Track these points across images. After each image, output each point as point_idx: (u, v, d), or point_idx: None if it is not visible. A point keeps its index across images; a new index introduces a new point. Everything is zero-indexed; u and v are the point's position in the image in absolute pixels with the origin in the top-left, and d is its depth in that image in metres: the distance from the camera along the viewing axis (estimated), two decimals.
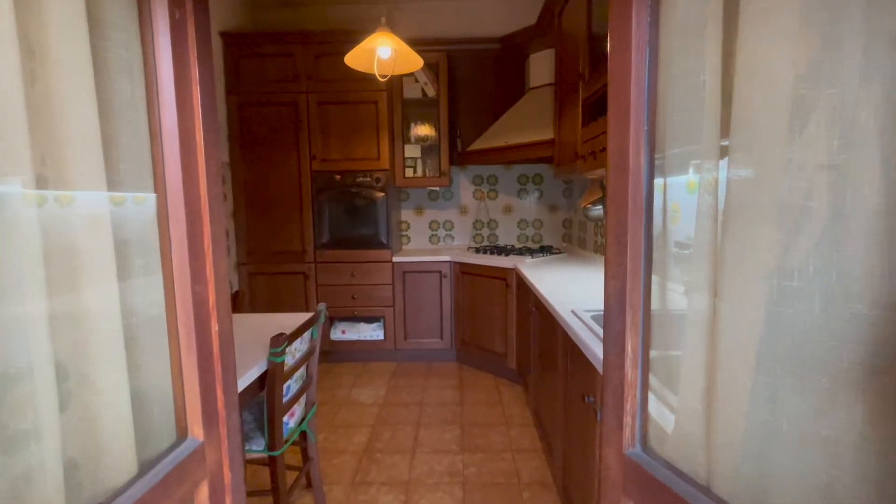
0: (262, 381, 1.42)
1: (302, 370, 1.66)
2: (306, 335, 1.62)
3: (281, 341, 1.33)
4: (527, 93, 3.48)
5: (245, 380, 1.28)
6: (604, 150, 1.78)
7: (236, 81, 3.25)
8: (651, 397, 0.65)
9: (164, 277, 0.68)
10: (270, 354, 1.34)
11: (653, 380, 0.64)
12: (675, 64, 0.58)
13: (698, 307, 0.56)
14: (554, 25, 2.74)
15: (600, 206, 2.89)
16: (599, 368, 1.18)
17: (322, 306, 1.69)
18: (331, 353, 3.48)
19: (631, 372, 0.64)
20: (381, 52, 2.18)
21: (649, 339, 0.63)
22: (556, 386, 1.79)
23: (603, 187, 2.88)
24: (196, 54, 0.65)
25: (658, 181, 0.61)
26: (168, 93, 0.62)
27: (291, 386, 1.55)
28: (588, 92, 2.03)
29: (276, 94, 3.26)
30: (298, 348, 1.56)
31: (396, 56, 2.19)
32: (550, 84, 3.29)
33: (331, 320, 3.46)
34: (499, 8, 3.67)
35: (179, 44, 0.63)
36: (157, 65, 0.62)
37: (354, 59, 2.23)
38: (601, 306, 1.72)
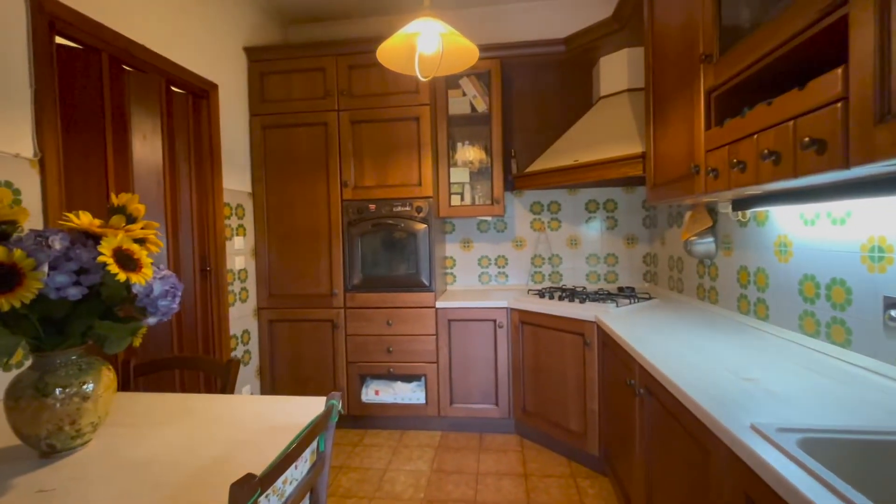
0: None
1: (305, 501, 1.07)
2: (308, 451, 1.03)
3: (247, 493, 0.74)
4: (596, 102, 2.89)
5: None
6: (771, 154, 1.12)
7: (261, 101, 2.86)
8: None
9: None
10: None
11: None
12: None
13: None
14: (642, 13, 2.15)
15: (710, 239, 2.19)
16: None
17: (336, 400, 1.11)
18: (361, 419, 2.88)
19: None
20: (424, 44, 1.66)
21: None
22: None
23: (713, 214, 2.19)
24: None
25: None
26: None
27: None
28: (721, 77, 1.40)
29: (304, 113, 2.84)
30: (293, 477, 0.97)
31: (444, 46, 1.66)
32: (629, 90, 2.69)
33: (362, 378, 2.88)
34: (560, 7, 3.14)
35: None
36: None
37: (389, 55, 1.72)
38: (803, 420, 0.90)
